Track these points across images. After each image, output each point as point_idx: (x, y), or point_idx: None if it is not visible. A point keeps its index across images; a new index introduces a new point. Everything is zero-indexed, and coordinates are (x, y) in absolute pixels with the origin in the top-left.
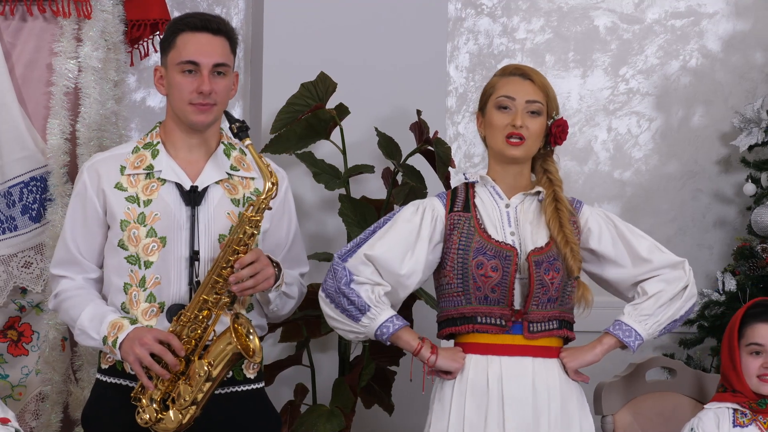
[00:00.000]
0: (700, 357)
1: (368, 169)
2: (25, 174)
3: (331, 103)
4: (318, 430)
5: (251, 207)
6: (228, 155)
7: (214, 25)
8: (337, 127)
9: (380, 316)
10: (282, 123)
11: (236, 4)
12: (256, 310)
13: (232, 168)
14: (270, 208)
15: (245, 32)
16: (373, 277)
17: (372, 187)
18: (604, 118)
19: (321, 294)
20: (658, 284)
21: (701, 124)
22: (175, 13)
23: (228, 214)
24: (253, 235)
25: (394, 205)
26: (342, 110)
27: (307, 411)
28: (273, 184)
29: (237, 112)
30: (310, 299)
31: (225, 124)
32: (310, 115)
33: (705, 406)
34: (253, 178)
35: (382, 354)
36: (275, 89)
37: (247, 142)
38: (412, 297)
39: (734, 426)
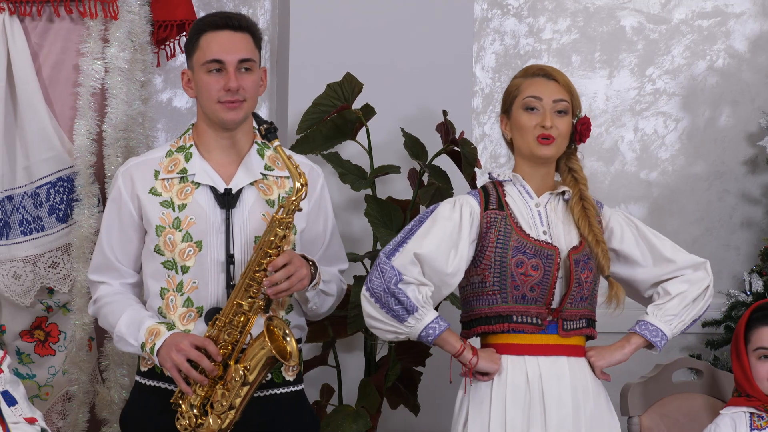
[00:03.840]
0: (727, 358)
1: (394, 169)
2: (52, 174)
3: (357, 104)
4: (344, 431)
5: (281, 209)
6: (262, 155)
7: (235, 22)
8: (363, 128)
9: (426, 318)
10: (308, 123)
11: (262, 4)
12: (295, 309)
13: (267, 168)
14: (300, 209)
15: (272, 33)
16: (419, 277)
17: (398, 188)
18: (630, 118)
19: (365, 293)
20: (682, 285)
21: (728, 125)
22: (201, 14)
23: (263, 215)
24: (285, 237)
25: (420, 206)
26: (368, 111)
27: (333, 411)
28: (302, 184)
29: (263, 113)
30: None
31: None
32: (336, 116)
33: (721, 411)
34: (287, 177)
35: (408, 354)
36: (301, 90)
37: (276, 143)
38: None
39: (751, 429)
